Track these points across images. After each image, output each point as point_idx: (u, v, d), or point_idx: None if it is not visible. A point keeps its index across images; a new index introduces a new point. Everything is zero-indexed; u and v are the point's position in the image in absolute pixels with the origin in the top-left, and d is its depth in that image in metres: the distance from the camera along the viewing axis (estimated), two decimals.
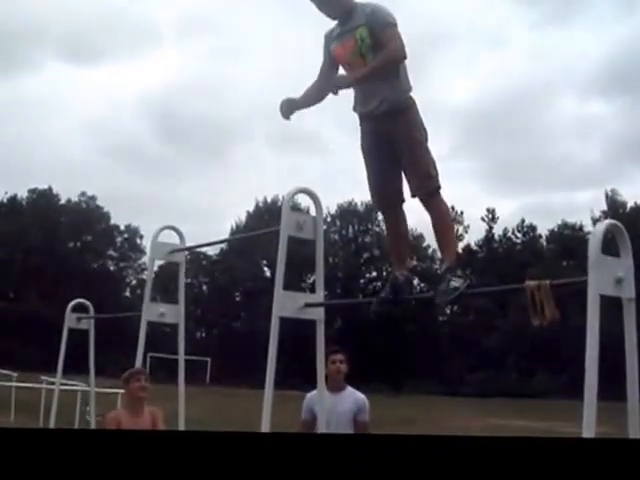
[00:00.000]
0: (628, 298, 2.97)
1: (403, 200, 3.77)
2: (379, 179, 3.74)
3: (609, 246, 2.95)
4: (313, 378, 4.26)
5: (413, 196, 3.67)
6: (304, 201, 4.83)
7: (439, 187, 3.64)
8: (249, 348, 37.29)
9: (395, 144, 3.63)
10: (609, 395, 3.75)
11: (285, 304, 3.89)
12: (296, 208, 5.29)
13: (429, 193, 3.62)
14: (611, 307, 3.09)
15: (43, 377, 15.83)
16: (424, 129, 3.68)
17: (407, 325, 48.24)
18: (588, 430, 2.75)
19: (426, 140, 3.67)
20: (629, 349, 3.02)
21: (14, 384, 17.16)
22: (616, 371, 3.23)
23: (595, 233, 2.83)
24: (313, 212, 4.18)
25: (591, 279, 2.78)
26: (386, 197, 3.77)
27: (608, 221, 2.92)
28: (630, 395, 3.00)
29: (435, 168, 3.65)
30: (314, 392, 4.80)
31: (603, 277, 2.82)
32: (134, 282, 58.35)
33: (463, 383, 43.49)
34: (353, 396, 5.29)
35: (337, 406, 5.11)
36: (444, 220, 3.74)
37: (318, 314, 4.07)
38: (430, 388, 41.59)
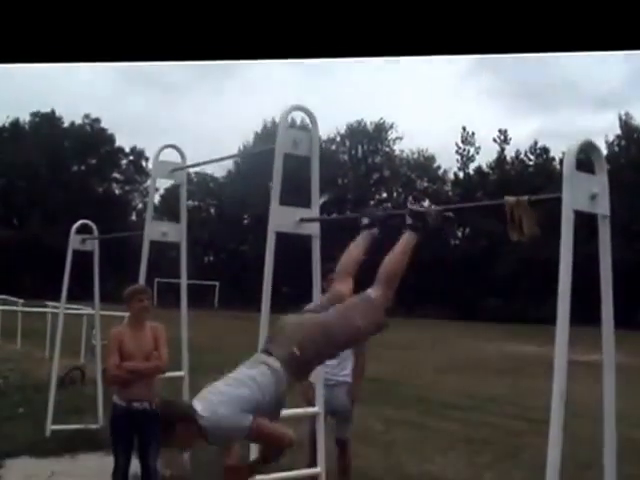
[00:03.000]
0: (602, 215, 2.99)
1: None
2: None
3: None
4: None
5: None
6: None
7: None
8: (257, 272, 37.22)
9: None
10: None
11: (281, 219, 3.99)
12: (304, 128, 5.32)
13: None
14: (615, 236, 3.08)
15: (48, 303, 15.74)
16: None
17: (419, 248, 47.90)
18: (560, 354, 2.81)
19: None
20: (604, 268, 3.04)
21: (20, 309, 17.07)
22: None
23: (569, 150, 2.84)
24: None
25: (565, 194, 2.81)
26: None
27: (582, 139, 2.94)
28: (604, 316, 3.04)
29: None
30: (311, 305, 4.97)
31: (577, 193, 2.85)
32: (140, 205, 58.19)
33: (475, 308, 42.93)
34: None
35: None
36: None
37: (313, 229, 4.18)
38: (442, 312, 41.38)
